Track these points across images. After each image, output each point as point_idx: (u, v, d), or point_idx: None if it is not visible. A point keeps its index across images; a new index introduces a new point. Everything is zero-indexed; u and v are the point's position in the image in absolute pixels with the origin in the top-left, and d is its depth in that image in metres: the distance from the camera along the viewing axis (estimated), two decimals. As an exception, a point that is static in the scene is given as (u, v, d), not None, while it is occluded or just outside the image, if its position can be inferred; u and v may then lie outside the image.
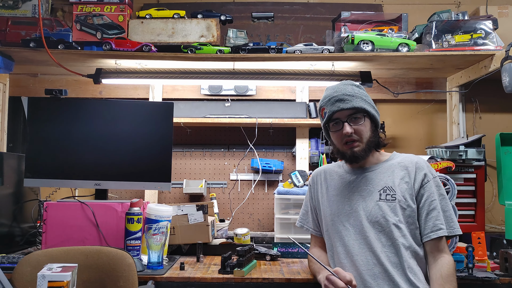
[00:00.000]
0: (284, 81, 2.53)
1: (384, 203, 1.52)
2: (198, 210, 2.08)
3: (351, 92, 1.56)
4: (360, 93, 1.58)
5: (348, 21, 2.47)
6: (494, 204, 2.66)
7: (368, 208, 1.54)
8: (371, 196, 1.55)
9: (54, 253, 1.59)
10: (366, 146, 1.56)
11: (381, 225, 1.50)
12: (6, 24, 2.32)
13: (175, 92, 2.78)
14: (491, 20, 2.25)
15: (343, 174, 1.67)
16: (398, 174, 1.55)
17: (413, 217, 1.51)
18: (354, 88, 1.59)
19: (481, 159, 2.14)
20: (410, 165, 1.56)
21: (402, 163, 1.58)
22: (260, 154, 2.75)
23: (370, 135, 1.57)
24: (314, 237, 1.77)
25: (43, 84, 2.74)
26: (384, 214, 1.50)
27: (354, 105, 1.54)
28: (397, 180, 1.54)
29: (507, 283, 1.68)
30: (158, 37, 2.37)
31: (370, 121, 1.57)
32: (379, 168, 1.60)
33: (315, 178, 1.75)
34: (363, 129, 1.55)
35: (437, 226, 1.49)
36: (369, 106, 1.57)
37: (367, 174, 1.60)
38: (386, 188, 1.54)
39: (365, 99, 1.57)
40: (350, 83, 1.61)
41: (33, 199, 2.25)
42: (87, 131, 2.10)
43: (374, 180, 1.57)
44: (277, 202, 2.39)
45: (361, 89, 1.61)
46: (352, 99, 1.54)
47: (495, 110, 2.76)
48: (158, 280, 1.67)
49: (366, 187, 1.57)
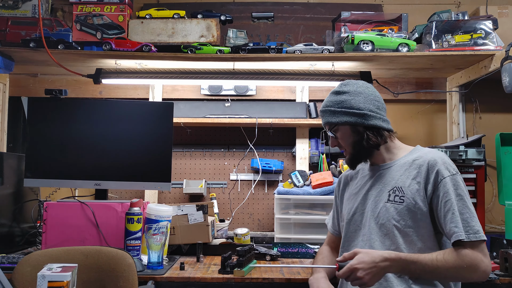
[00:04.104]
0: (284, 81, 2.53)
1: (391, 205, 1.44)
2: (198, 210, 2.08)
3: (325, 105, 1.55)
4: (333, 103, 1.53)
5: (348, 21, 2.47)
6: (494, 204, 2.66)
7: (377, 209, 1.47)
8: (381, 196, 1.48)
9: (54, 253, 1.59)
10: (353, 151, 1.53)
11: (387, 228, 1.43)
12: (6, 24, 2.32)
13: (175, 92, 2.78)
14: (491, 20, 2.25)
15: (365, 172, 1.61)
16: (411, 173, 1.45)
17: (424, 221, 1.41)
18: (330, 98, 1.55)
19: (481, 159, 2.13)
20: (424, 163, 1.44)
21: (417, 161, 1.47)
22: (260, 154, 2.75)
23: (353, 140, 1.51)
24: (329, 235, 1.76)
25: (43, 84, 2.74)
26: (390, 217, 1.43)
27: (325, 121, 1.55)
28: (408, 180, 1.44)
29: (507, 283, 1.68)
30: (158, 37, 2.37)
31: (349, 127, 1.51)
32: (393, 165, 1.52)
33: (343, 177, 1.73)
34: (342, 137, 1.53)
35: (452, 230, 1.35)
36: (339, 115, 1.51)
37: (382, 171, 1.53)
38: (396, 188, 1.45)
39: (333, 110, 1.51)
40: (333, 90, 1.57)
41: (33, 199, 2.25)
42: (87, 131, 2.10)
43: (387, 179, 1.50)
44: (277, 202, 2.39)
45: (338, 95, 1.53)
46: (323, 115, 1.55)
47: (495, 110, 2.76)
48: (158, 280, 1.67)
49: (379, 186, 1.50)
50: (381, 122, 1.52)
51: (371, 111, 1.50)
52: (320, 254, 1.70)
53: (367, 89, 1.55)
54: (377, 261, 1.32)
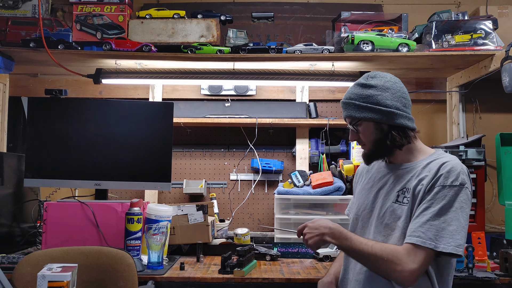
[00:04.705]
0: (284, 81, 2.53)
1: (398, 206, 1.40)
2: (198, 210, 2.08)
3: (348, 98, 1.46)
4: (358, 96, 1.44)
5: (348, 21, 2.47)
6: (494, 204, 2.66)
7: (383, 209, 1.43)
8: (390, 196, 1.44)
9: (54, 253, 1.59)
10: (373, 148, 1.46)
11: (391, 228, 1.39)
12: (6, 24, 2.32)
13: (175, 92, 2.78)
14: (491, 20, 2.25)
15: (382, 168, 1.54)
16: (421, 174, 1.39)
17: None
18: (354, 90, 1.46)
19: (481, 159, 2.14)
20: (435, 166, 1.36)
21: (430, 164, 1.39)
22: (260, 154, 2.75)
23: (375, 137, 1.44)
24: None
25: (43, 84, 2.74)
26: (395, 217, 1.39)
27: (346, 114, 1.47)
28: (416, 180, 1.39)
29: (507, 283, 1.68)
30: (158, 37, 2.37)
31: (373, 123, 1.43)
32: (409, 167, 1.45)
33: (360, 168, 1.68)
34: (364, 133, 1.45)
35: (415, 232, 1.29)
36: (364, 111, 1.43)
37: (397, 171, 1.46)
38: (405, 189, 1.41)
39: (358, 104, 1.43)
40: (359, 82, 1.47)
41: (33, 199, 2.25)
42: (87, 131, 2.10)
43: (399, 179, 1.44)
44: (277, 202, 2.39)
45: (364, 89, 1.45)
46: (346, 107, 1.47)
47: (495, 110, 2.76)
48: (158, 280, 1.67)
49: (391, 185, 1.45)
50: (407, 121, 1.43)
51: (398, 109, 1.41)
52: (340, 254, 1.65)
53: (395, 84, 1.45)
54: (322, 225, 1.42)
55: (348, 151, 2.65)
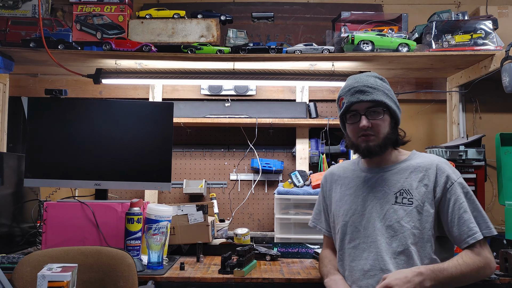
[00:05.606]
0: (284, 81, 2.53)
1: (400, 207, 1.43)
2: (198, 210, 2.08)
3: (373, 84, 1.46)
4: (383, 87, 1.48)
5: (348, 21, 2.47)
6: (494, 204, 2.66)
7: (383, 211, 1.45)
8: (386, 198, 1.46)
9: (54, 253, 1.59)
10: (382, 142, 1.46)
11: (395, 229, 1.42)
12: (6, 24, 2.32)
13: (175, 92, 2.78)
14: (491, 20, 2.25)
15: (359, 172, 1.57)
16: (417, 176, 1.45)
17: (430, 222, 1.41)
18: (377, 81, 1.49)
19: (481, 159, 2.14)
20: (431, 167, 1.45)
21: (421, 164, 1.47)
22: (260, 154, 2.75)
23: (388, 131, 1.47)
24: (326, 238, 1.71)
25: (43, 84, 2.74)
26: (399, 218, 1.42)
27: (374, 98, 1.44)
28: (415, 182, 1.44)
29: (507, 283, 1.68)
30: (158, 37, 2.37)
31: (389, 117, 1.47)
32: (396, 168, 1.50)
33: (328, 177, 1.67)
34: (381, 124, 1.45)
35: (473, 230, 1.38)
36: (391, 100, 1.47)
37: (383, 174, 1.50)
38: (403, 191, 1.44)
39: (387, 93, 1.47)
40: (374, 75, 1.52)
41: (33, 199, 2.25)
42: (87, 131, 2.10)
43: (391, 181, 1.48)
44: (277, 202, 2.39)
45: (385, 83, 1.51)
46: (373, 92, 1.44)
47: (495, 110, 2.76)
48: (158, 280, 1.67)
49: (382, 188, 1.48)
50: None
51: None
52: (326, 258, 1.64)
53: None
54: (410, 276, 1.31)
55: (348, 151, 2.66)
